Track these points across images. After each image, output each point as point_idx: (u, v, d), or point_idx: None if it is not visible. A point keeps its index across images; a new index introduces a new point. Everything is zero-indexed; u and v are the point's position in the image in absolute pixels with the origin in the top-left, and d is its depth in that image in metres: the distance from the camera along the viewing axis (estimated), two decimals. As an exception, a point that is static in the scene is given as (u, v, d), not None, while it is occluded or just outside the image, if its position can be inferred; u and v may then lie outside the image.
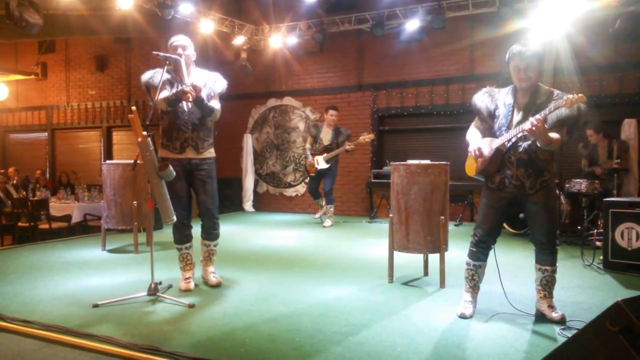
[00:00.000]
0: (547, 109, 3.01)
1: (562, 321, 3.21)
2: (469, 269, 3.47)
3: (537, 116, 2.99)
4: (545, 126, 3.00)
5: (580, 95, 2.92)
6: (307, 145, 7.89)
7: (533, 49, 3.14)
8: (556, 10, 6.93)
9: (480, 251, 3.41)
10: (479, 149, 3.30)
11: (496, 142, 3.27)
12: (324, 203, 7.99)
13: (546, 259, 3.30)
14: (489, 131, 3.46)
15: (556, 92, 3.18)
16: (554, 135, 3.06)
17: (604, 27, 7.04)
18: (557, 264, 3.32)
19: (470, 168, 3.50)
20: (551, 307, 3.30)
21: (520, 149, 3.21)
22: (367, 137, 7.56)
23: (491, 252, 3.44)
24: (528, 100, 3.22)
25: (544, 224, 3.24)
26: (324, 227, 7.76)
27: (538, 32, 7.16)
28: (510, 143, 3.24)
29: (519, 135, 3.18)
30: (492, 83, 3.76)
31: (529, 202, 3.24)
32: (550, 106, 3.00)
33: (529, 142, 3.18)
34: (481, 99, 3.43)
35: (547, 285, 3.32)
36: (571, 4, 6.80)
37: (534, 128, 2.96)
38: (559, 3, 6.84)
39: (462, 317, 3.34)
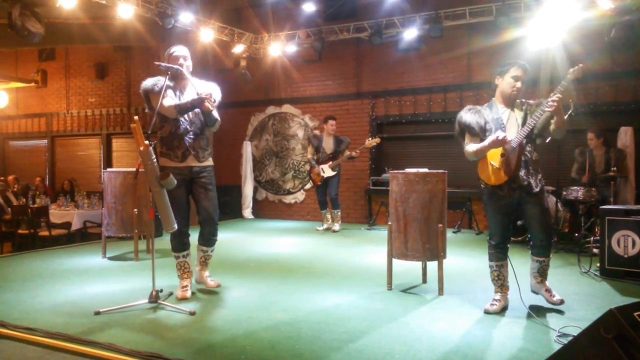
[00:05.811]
0: (560, 87, 3.25)
1: (562, 303, 3.59)
2: (493, 271, 3.70)
3: (554, 97, 3.23)
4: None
5: (580, 65, 3.22)
6: (309, 156, 8.06)
7: (526, 63, 3.52)
8: (552, 19, 7.00)
9: (499, 252, 3.66)
10: (504, 137, 3.40)
11: (515, 140, 3.41)
12: (329, 216, 8.15)
13: (543, 252, 3.64)
14: None
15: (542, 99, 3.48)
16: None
17: (599, 36, 7.10)
18: (553, 267, 3.65)
19: (497, 176, 3.49)
20: (548, 291, 3.65)
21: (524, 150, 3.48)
22: (372, 141, 7.79)
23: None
24: (516, 109, 3.54)
25: (544, 223, 3.56)
26: (334, 231, 8.01)
27: (534, 41, 7.24)
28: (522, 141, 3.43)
29: (542, 116, 3.35)
30: (488, 91, 3.94)
31: (529, 204, 3.49)
32: (559, 87, 3.26)
33: (525, 143, 3.46)
34: (469, 116, 3.63)
35: (543, 272, 3.69)
36: (567, 14, 6.88)
37: (555, 104, 3.21)
38: (555, 12, 6.92)
39: (486, 312, 3.59)
